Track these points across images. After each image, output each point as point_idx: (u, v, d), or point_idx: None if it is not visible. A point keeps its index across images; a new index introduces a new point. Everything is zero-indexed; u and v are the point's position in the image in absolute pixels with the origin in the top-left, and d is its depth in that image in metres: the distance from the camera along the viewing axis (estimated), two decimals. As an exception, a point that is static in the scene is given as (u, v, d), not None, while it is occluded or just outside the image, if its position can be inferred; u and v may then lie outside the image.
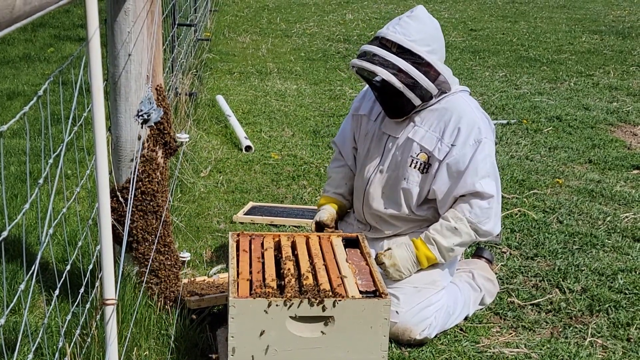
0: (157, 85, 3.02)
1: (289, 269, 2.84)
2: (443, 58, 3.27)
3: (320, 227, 3.52)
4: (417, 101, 3.20)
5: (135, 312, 2.87)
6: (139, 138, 2.95)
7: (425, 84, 3.16)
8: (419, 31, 3.16)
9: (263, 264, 2.90)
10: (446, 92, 3.27)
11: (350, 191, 3.63)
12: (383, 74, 3.13)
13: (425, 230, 3.27)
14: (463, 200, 3.21)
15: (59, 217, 2.43)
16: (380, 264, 3.22)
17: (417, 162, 3.28)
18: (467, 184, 3.18)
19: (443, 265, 3.32)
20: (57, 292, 2.32)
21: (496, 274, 3.77)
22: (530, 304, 3.56)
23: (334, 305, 2.62)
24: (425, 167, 3.27)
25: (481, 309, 3.51)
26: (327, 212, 3.55)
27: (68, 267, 2.50)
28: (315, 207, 3.92)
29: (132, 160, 2.96)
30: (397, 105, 3.26)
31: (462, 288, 3.43)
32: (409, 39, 3.15)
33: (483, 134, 3.20)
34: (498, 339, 3.29)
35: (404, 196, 3.35)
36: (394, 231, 3.44)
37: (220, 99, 6.70)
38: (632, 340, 3.29)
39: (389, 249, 3.28)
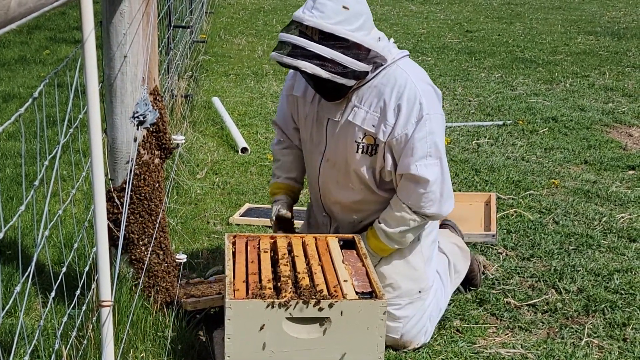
0: (153, 87, 3.02)
1: (285, 271, 2.84)
2: (372, 28, 2.96)
3: (282, 221, 3.32)
4: (351, 83, 2.93)
5: (132, 314, 2.87)
6: (135, 140, 2.95)
7: (356, 66, 2.87)
8: (339, 11, 2.83)
9: (259, 265, 2.90)
10: (383, 64, 3.00)
11: (302, 173, 3.40)
12: (308, 67, 2.83)
13: (376, 220, 3.15)
14: (402, 186, 3.04)
15: (54, 219, 2.43)
16: None
17: (363, 147, 3.05)
18: (404, 165, 2.99)
19: (424, 262, 3.24)
20: (53, 294, 2.32)
21: (492, 275, 3.77)
22: (527, 305, 3.57)
23: (330, 307, 2.63)
24: (373, 149, 3.06)
25: (472, 291, 3.51)
26: (286, 205, 3.35)
27: (64, 269, 2.50)
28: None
29: (128, 162, 2.96)
30: (330, 89, 2.99)
31: (439, 271, 3.36)
32: (330, 22, 2.82)
33: (425, 110, 2.95)
34: (494, 340, 3.30)
35: (359, 181, 3.14)
36: (361, 216, 3.26)
37: (217, 101, 6.69)
38: (628, 340, 3.30)
39: None
